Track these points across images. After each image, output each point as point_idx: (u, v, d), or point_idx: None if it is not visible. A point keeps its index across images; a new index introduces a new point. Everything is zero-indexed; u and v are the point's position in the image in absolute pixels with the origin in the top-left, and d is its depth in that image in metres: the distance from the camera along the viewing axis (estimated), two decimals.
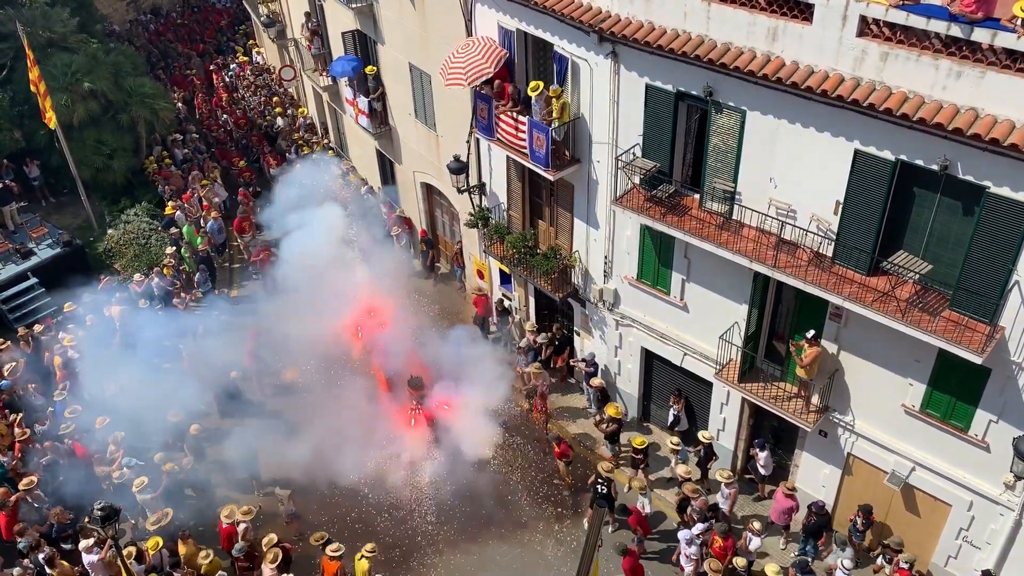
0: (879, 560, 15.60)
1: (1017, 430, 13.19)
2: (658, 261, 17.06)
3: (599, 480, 17.05)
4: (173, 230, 25.46)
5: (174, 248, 24.60)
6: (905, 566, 14.78)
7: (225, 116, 32.92)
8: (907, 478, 15.06)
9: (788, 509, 16.57)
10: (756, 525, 15.94)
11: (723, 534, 15.62)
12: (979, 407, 13.58)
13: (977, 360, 12.30)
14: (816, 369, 15.03)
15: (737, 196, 14.71)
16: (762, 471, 17.42)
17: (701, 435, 17.79)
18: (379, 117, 24.23)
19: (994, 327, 12.43)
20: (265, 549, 15.69)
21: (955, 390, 13.78)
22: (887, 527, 16.05)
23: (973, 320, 12.54)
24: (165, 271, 23.78)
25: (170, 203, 26.27)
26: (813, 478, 16.75)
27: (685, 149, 15.41)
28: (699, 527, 15.83)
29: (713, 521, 16.06)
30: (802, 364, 14.91)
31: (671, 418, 18.85)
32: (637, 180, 15.79)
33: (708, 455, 17.73)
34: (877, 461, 15.49)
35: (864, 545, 16.12)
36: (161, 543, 15.81)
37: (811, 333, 14.81)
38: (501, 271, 21.78)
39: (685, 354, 17.67)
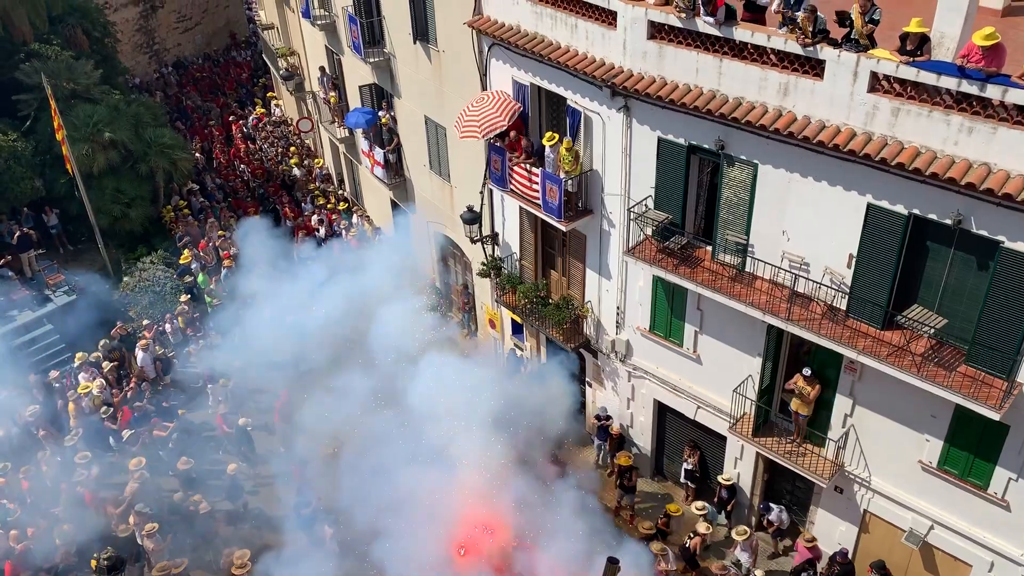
0: None
1: None
2: (671, 312, 17.02)
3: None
4: (188, 278, 25.67)
5: (188, 296, 24.76)
6: None
7: (243, 166, 33.40)
8: (925, 536, 14.75)
9: (809, 560, 16.33)
10: (759, 573, 15.89)
11: None
12: (998, 464, 13.33)
13: (994, 416, 12.13)
14: (813, 407, 15.22)
15: (750, 248, 14.72)
16: (777, 526, 17.17)
17: (721, 479, 17.66)
18: (394, 168, 24.51)
19: (1011, 383, 12.28)
20: None
21: (973, 447, 13.55)
22: None
23: (990, 375, 12.40)
24: (179, 320, 23.93)
25: (186, 251, 26.54)
26: (829, 535, 16.43)
27: (697, 201, 15.48)
28: None
29: None
30: (808, 401, 15.01)
31: (683, 473, 18.67)
32: (649, 231, 15.84)
33: (730, 497, 17.61)
34: (894, 519, 15.21)
35: None
36: None
37: (808, 372, 14.85)
38: (513, 321, 21.77)
39: (698, 407, 17.51)
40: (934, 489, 14.34)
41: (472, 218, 20.15)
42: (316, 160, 33.58)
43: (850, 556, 15.96)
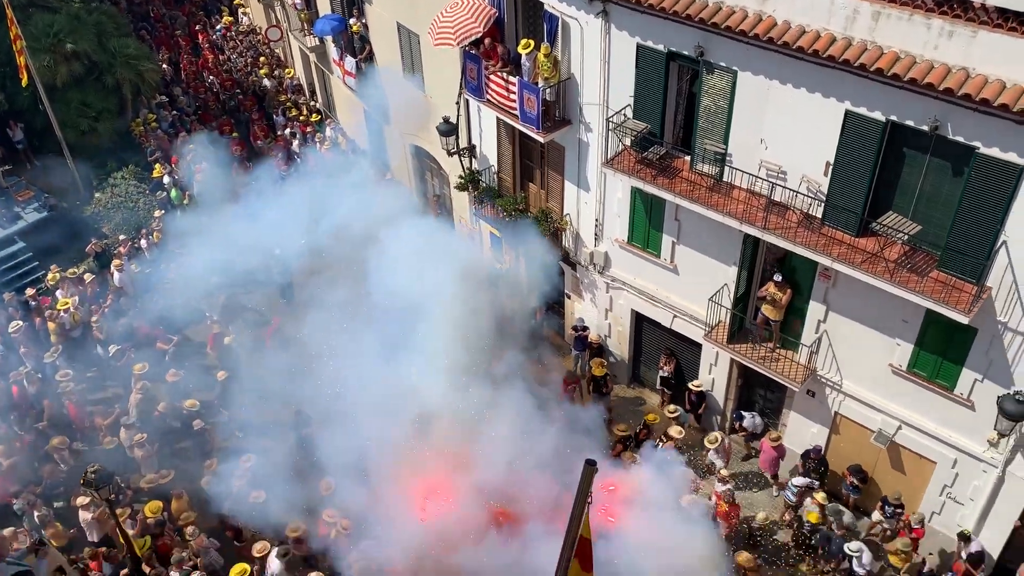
0: (875, 515, 15.92)
1: (1001, 389, 13.37)
2: (648, 224, 17.06)
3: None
4: (161, 194, 25.29)
5: (162, 212, 24.45)
6: (918, 525, 15.22)
7: (212, 78, 32.53)
8: (893, 436, 15.28)
9: (774, 459, 17.00)
10: (724, 472, 16.33)
11: (729, 500, 15.88)
12: (965, 367, 13.75)
13: (964, 320, 12.43)
14: (783, 313, 15.60)
15: (728, 158, 14.70)
16: (751, 431, 17.72)
17: (691, 385, 18.10)
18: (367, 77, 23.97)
19: (981, 287, 12.54)
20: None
21: (941, 350, 13.94)
22: (875, 483, 16.32)
23: (960, 280, 12.65)
24: (155, 236, 23.66)
25: (157, 166, 26.06)
26: (801, 437, 16.98)
27: (676, 110, 15.34)
28: (800, 480, 16.23)
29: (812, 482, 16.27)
30: (779, 307, 15.38)
31: (658, 380, 19.09)
32: (628, 142, 15.73)
33: (699, 401, 18.14)
34: (864, 420, 15.70)
35: (860, 500, 16.55)
36: (161, 507, 15.87)
37: (779, 278, 15.18)
38: (492, 234, 21.75)
39: (675, 316, 17.77)
40: (903, 391, 14.78)
41: (448, 130, 19.86)
42: (287, 71, 32.74)
43: (823, 452, 16.58)
